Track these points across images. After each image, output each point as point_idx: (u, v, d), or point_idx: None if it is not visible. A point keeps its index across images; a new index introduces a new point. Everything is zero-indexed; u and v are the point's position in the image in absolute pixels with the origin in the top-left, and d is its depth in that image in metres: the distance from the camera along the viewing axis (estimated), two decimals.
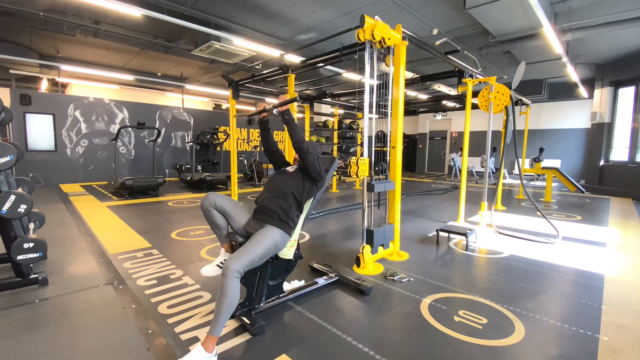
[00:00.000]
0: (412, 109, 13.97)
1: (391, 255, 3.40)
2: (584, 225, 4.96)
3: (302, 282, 2.62)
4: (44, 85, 12.19)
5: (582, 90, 10.40)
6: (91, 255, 3.32)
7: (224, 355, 1.77)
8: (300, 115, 8.82)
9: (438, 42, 4.41)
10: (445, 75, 5.17)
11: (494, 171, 11.56)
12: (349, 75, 7.98)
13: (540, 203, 7.04)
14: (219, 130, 10.93)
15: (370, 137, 3.10)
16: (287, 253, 2.12)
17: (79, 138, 9.49)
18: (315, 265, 2.99)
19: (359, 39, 2.89)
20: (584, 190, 7.84)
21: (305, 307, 2.32)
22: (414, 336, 1.98)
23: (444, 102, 11.10)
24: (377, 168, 3.22)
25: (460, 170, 10.42)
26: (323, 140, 8.86)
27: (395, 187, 3.29)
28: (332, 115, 9.85)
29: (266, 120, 2.23)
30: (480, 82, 4.96)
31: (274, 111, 2.07)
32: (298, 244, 2.25)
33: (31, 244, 2.45)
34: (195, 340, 1.88)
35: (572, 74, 8.63)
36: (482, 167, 12.30)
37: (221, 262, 2.14)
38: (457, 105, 11.48)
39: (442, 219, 5.25)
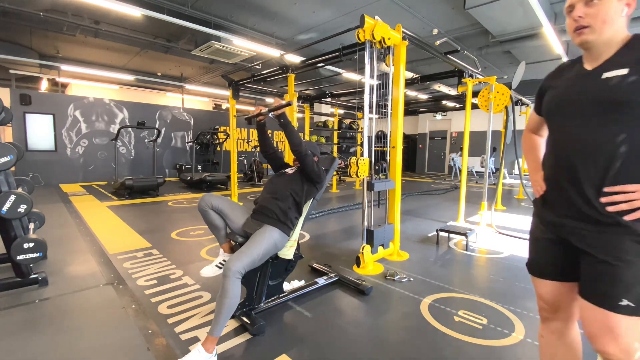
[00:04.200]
0: (412, 109, 13.97)
1: (391, 255, 3.40)
2: None
3: (302, 282, 2.62)
4: (44, 85, 12.18)
5: None
6: (91, 255, 3.32)
7: (224, 355, 1.77)
8: (300, 115, 8.82)
9: (438, 42, 4.42)
10: (445, 75, 5.17)
11: (494, 171, 11.56)
12: (349, 75, 7.98)
13: None
14: (219, 130, 10.93)
15: (370, 137, 3.10)
16: (287, 253, 2.12)
17: (79, 138, 9.49)
18: (315, 265, 2.99)
19: (359, 39, 2.89)
20: None
21: (305, 307, 2.32)
22: (414, 336, 1.98)
23: (444, 102, 11.10)
24: (377, 167, 3.22)
25: (460, 170, 10.43)
26: (323, 140, 8.86)
27: (395, 187, 3.30)
28: (332, 115, 9.85)
29: (263, 124, 2.21)
30: (480, 82, 4.96)
31: (270, 115, 2.07)
32: (298, 244, 2.25)
33: (31, 244, 2.45)
34: (195, 340, 1.88)
35: None
36: (482, 167, 12.30)
37: (220, 263, 2.14)
38: (457, 105, 11.48)
39: (442, 219, 5.25)
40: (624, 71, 0.95)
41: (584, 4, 1.02)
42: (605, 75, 0.98)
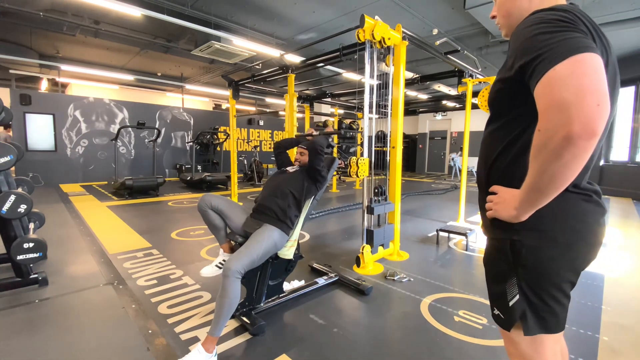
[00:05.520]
0: (412, 109, 13.97)
1: (391, 255, 3.40)
2: None
3: (302, 282, 2.62)
4: (44, 85, 12.18)
5: None
6: (91, 255, 3.32)
7: (224, 355, 1.77)
8: (300, 115, 8.82)
9: (438, 42, 4.41)
10: (445, 75, 5.16)
11: None
12: (349, 75, 7.98)
13: None
14: (219, 130, 10.93)
15: (370, 137, 3.11)
16: (287, 253, 2.12)
17: (79, 138, 9.49)
18: (315, 265, 2.99)
19: (359, 39, 2.89)
20: None
21: (305, 307, 2.32)
22: (414, 336, 1.98)
23: (444, 102, 11.11)
24: (376, 190, 3.24)
25: (460, 170, 10.42)
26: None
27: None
28: (332, 115, 9.85)
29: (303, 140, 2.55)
30: (480, 82, 4.96)
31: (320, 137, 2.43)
32: (298, 244, 2.25)
33: (31, 244, 2.45)
34: (195, 340, 1.88)
35: None
36: None
37: (220, 263, 2.14)
38: (457, 105, 11.47)
39: (442, 219, 5.25)
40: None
41: (495, 2, 0.97)
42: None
